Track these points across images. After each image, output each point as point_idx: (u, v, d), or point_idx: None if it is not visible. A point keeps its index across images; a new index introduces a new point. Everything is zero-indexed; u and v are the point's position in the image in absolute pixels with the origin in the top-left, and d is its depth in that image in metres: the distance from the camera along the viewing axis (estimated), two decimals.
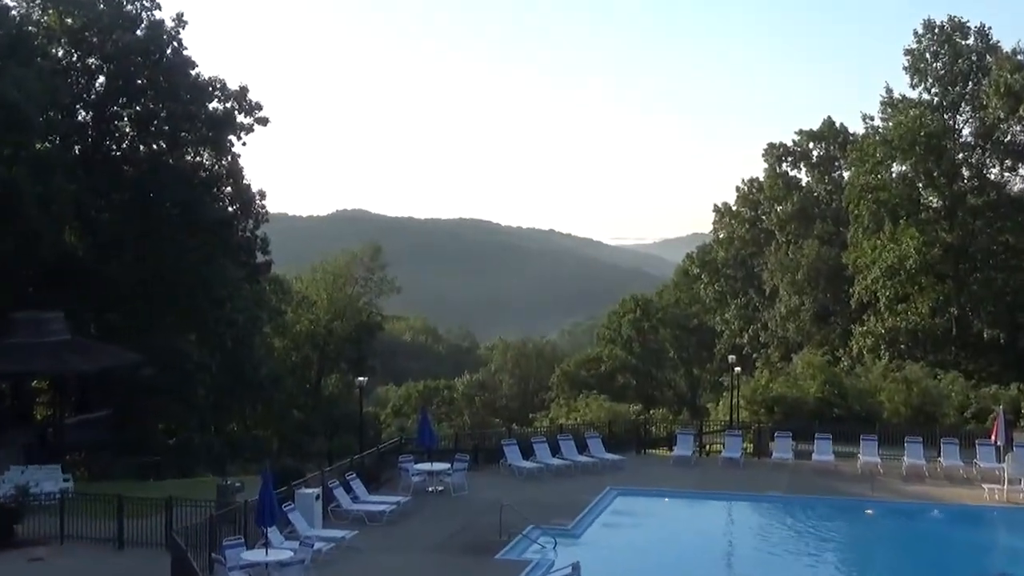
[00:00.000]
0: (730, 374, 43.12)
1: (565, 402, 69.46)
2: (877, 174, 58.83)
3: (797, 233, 69.69)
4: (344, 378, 68.79)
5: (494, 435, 39.09)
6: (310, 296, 68.77)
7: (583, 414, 55.49)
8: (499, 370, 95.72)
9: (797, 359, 48.67)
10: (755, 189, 75.41)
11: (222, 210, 48.27)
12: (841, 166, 70.62)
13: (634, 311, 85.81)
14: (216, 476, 34.81)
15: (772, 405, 41.93)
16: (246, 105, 49.00)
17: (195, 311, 46.97)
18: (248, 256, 49.98)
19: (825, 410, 40.80)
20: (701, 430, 38.73)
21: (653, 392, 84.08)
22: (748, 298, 74.53)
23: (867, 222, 58.74)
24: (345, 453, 34.15)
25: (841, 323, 64.26)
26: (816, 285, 65.58)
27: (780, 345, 67.54)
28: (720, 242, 77.71)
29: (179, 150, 48.10)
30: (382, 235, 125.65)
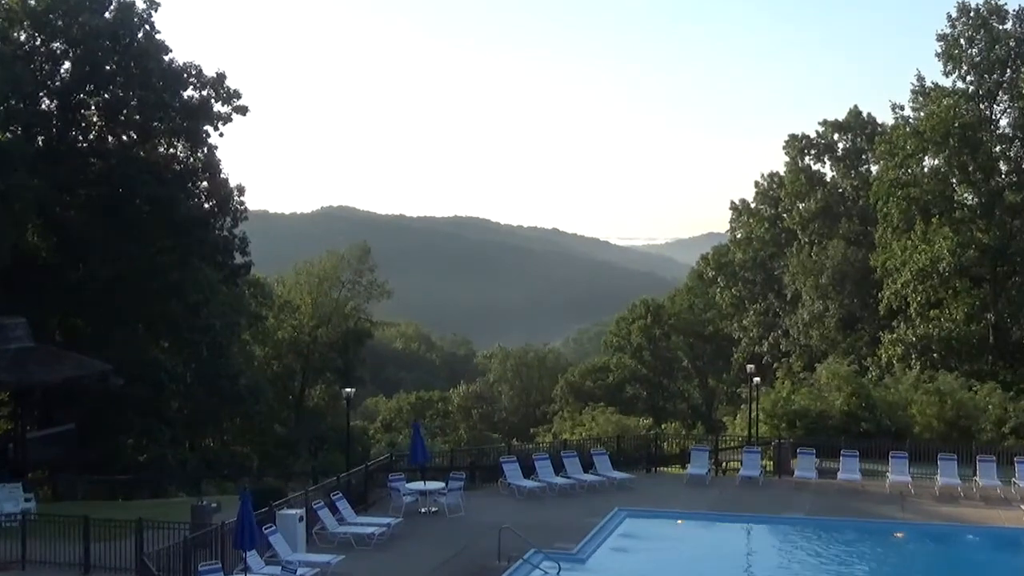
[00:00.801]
0: (748, 385, 43.07)
1: (569, 415, 69.52)
2: (907, 168, 58.77)
3: (821, 233, 69.68)
4: (330, 389, 68.80)
5: (492, 451, 39.03)
6: (293, 300, 68.76)
7: (589, 429, 55.52)
8: (498, 381, 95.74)
9: (821, 369, 48.50)
10: (775, 185, 75.42)
11: (197, 207, 48.23)
12: (869, 160, 70.62)
13: (644, 317, 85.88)
14: (190, 496, 34.75)
15: (794, 419, 41.85)
16: (223, 93, 48.97)
17: (168, 317, 46.94)
18: (226, 257, 49.92)
19: (851, 424, 40.72)
20: (717, 446, 38.66)
21: (665, 405, 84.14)
22: (768, 303, 74.50)
23: (897, 221, 58.67)
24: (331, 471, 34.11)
25: (869, 330, 64.21)
26: (841, 289, 65.56)
27: (803, 354, 67.49)
28: (737, 242, 77.70)
29: (151, 142, 48.08)
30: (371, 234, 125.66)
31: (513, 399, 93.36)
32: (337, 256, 72.29)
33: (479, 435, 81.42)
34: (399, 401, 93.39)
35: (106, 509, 29.23)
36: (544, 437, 64.64)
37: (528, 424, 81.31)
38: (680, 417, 76.08)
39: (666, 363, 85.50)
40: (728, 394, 78.13)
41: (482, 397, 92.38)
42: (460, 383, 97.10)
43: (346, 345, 68.52)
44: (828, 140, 72.51)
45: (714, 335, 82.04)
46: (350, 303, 70.74)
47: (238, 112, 49.53)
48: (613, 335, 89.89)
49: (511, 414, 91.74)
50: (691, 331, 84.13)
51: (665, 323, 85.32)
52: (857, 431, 39.88)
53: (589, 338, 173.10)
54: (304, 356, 67.64)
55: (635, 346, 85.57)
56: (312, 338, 67.46)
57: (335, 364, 68.17)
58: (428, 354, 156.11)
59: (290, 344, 67.36)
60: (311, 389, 69.36)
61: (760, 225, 75.30)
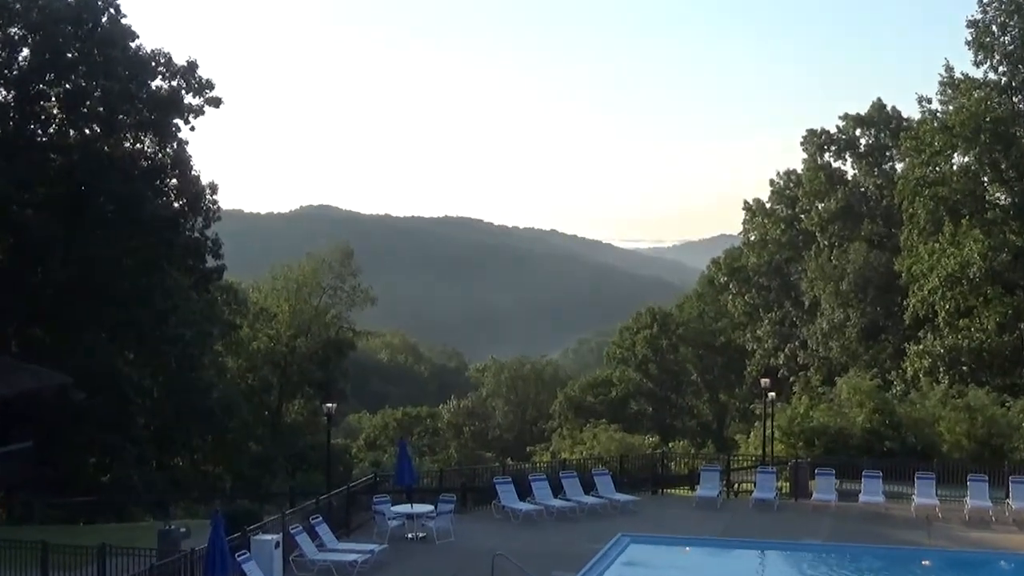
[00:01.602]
0: (763, 400, 43.07)
1: (569, 433, 69.53)
2: (935, 166, 58.90)
3: (842, 235, 69.81)
4: (309, 404, 68.71)
5: (485, 471, 39.01)
6: (269, 308, 68.74)
7: (590, 447, 55.55)
8: (491, 395, 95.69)
9: (841, 383, 48.51)
10: (792, 183, 75.55)
11: (166, 206, 48.24)
12: (893, 157, 70.78)
13: (650, 326, 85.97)
14: (158, 520, 34.70)
15: (812, 437, 41.86)
16: (195, 83, 49.02)
17: (134, 325, 46.88)
18: (196, 260, 49.94)
19: (874, 443, 40.74)
20: (729, 466, 38.67)
21: (672, 421, 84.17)
22: (784, 311, 74.61)
23: (923, 222, 58.79)
24: (310, 493, 34.07)
25: (893, 341, 64.31)
26: (864, 296, 65.67)
27: (821, 367, 67.58)
28: (751, 245, 77.82)
29: (116, 136, 48.08)
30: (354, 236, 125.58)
31: (508, 415, 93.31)
32: (317, 259, 72.26)
33: (471, 454, 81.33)
34: (384, 417, 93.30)
35: (66, 534, 29.20)
36: (541, 456, 64.59)
37: (524, 442, 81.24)
38: (689, 435, 76.06)
39: (673, 376, 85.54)
40: (741, 410, 78.11)
41: (474, 413, 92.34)
42: (450, 398, 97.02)
43: (327, 356, 68.48)
44: (849, 135, 72.65)
45: (726, 346, 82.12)
46: (331, 311, 70.71)
47: (211, 104, 49.59)
48: (616, 346, 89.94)
49: (505, 431, 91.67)
50: (701, 342, 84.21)
51: (672, 333, 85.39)
52: (880, 450, 39.89)
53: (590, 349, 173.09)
54: (281, 368, 67.59)
55: (640, 358, 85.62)
56: (290, 349, 67.42)
57: (315, 377, 68.12)
58: (416, 366, 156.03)
59: (266, 355, 67.31)
60: (289, 404, 69.30)
61: (776, 227, 75.43)
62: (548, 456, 62.66)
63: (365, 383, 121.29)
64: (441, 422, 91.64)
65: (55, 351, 43.45)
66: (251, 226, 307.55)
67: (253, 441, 62.99)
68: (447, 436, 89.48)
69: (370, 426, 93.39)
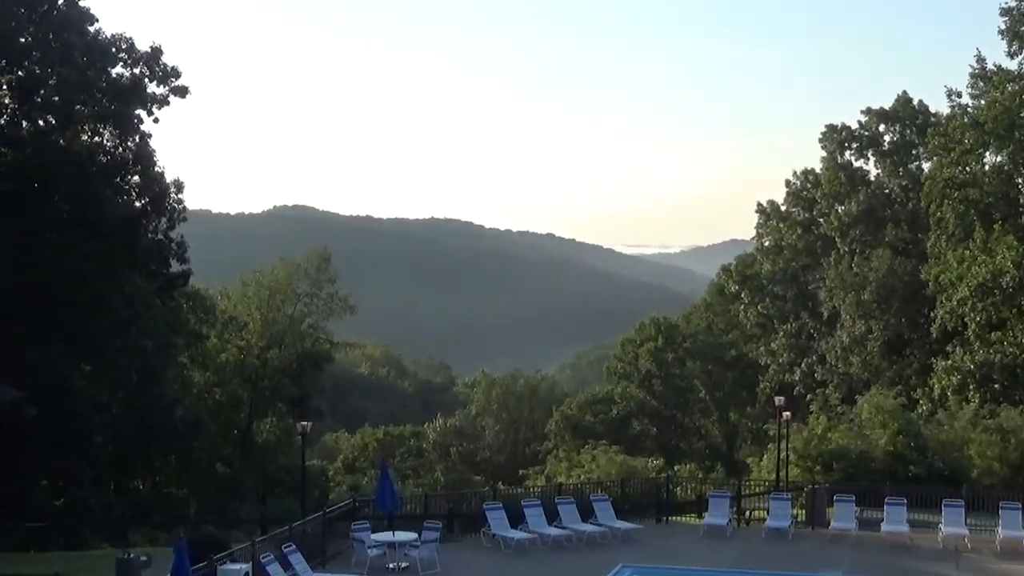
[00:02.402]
0: (777, 420, 43.07)
1: (565, 455, 69.44)
2: (965, 166, 58.96)
3: (863, 240, 69.82)
4: (282, 423, 68.56)
5: (474, 496, 38.97)
6: (239, 317, 68.61)
7: (588, 470, 55.47)
8: (481, 413, 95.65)
9: (862, 402, 48.56)
10: (810, 184, 75.57)
11: (127, 205, 48.13)
12: (920, 155, 70.83)
13: (655, 339, 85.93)
14: (116, 547, 34.60)
15: (830, 461, 41.88)
16: (159, 71, 48.93)
17: (91, 336, 46.76)
18: (160, 265, 49.83)
19: (898, 468, 40.76)
20: (740, 492, 38.66)
21: (678, 443, 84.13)
22: (800, 323, 74.63)
23: (952, 227, 58.84)
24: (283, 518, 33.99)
25: (919, 356, 64.34)
26: (887, 307, 65.71)
27: (841, 384, 67.61)
28: (765, 251, 77.84)
29: (73, 128, 47.98)
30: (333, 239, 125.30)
31: (499, 435, 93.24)
32: (292, 264, 72.16)
33: (459, 477, 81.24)
34: (364, 437, 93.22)
35: (15, 563, 29.13)
36: (535, 480, 64.57)
37: (516, 465, 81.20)
38: (696, 457, 76.05)
39: (680, 393, 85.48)
40: (753, 431, 78.15)
41: (462, 433, 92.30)
42: (436, 416, 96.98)
43: (302, 370, 68.35)
44: (872, 132, 72.64)
45: (737, 361, 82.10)
46: (307, 320, 70.60)
47: (176, 94, 49.49)
48: (617, 360, 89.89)
49: (496, 453, 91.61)
50: (710, 356, 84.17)
51: (679, 346, 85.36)
52: (905, 475, 39.90)
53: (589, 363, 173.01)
54: (252, 383, 67.46)
55: (643, 373, 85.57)
56: (262, 361, 67.30)
57: (289, 392, 67.99)
58: (399, 381, 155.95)
59: (236, 368, 67.18)
60: (260, 422, 69.14)
61: (792, 231, 75.43)
62: (543, 480, 62.59)
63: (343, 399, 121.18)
64: (426, 442, 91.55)
65: (4, 364, 43.26)
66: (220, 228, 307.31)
67: (221, 462, 62.85)
68: (432, 458, 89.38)
69: (349, 446, 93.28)
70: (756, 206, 78.85)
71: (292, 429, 61.08)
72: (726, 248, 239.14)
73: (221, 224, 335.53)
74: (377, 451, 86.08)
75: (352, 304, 73.28)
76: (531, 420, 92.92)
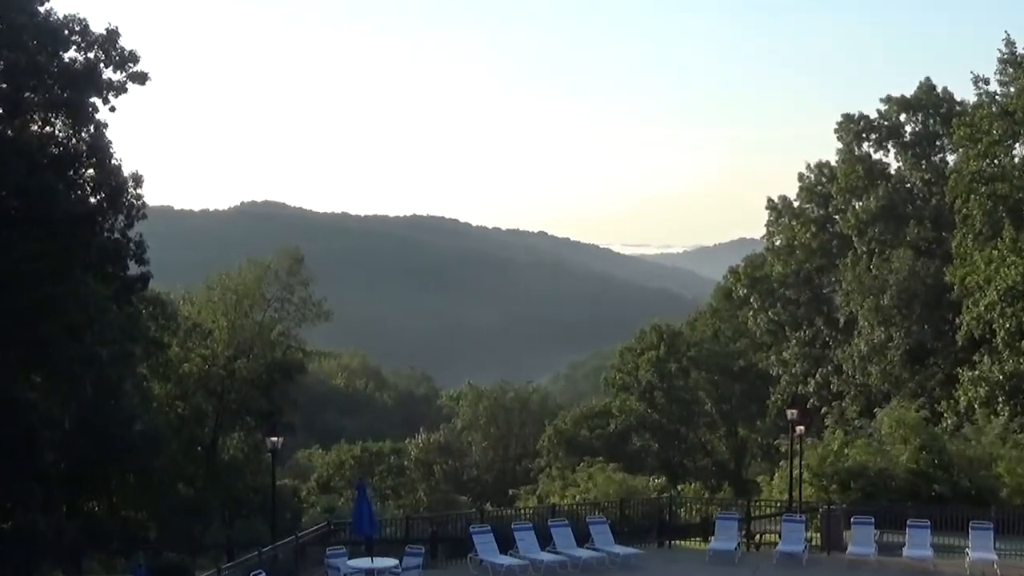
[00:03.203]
0: (789, 436, 43.12)
1: (559, 473, 69.53)
2: (994, 158, 59.07)
3: (883, 240, 69.91)
4: (251, 438, 68.44)
5: (460, 519, 38.94)
6: (203, 323, 68.46)
7: (584, 490, 55.50)
8: (468, 428, 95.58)
9: (882, 415, 48.69)
10: (825, 178, 75.67)
11: (81, 201, 47.97)
12: (944, 147, 70.95)
13: (656, 347, 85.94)
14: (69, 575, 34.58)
15: (847, 479, 41.94)
16: (116, 55, 48.75)
17: (41, 344, 46.64)
18: (117, 266, 49.65)
19: (921, 486, 40.84)
20: (749, 513, 38.70)
21: (682, 460, 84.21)
22: (815, 330, 74.71)
23: (980, 225, 58.94)
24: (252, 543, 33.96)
25: (943, 365, 64.42)
26: (909, 312, 65.79)
27: (859, 396, 67.69)
28: (776, 252, 77.91)
29: (22, 117, 47.82)
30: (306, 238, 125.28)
31: (487, 452, 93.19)
32: (261, 266, 71.97)
33: (443, 498, 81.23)
34: (340, 454, 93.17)
35: None
36: (527, 501, 64.56)
37: (506, 484, 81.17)
38: (701, 476, 76.07)
39: (684, 407, 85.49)
40: (763, 447, 78.18)
41: (447, 449, 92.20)
42: (419, 431, 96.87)
43: (272, 381, 68.18)
44: (893, 122, 72.77)
45: (746, 371, 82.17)
46: (277, 327, 70.43)
47: (135, 80, 49.33)
48: (616, 370, 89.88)
49: (484, 471, 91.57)
50: (716, 366, 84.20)
51: (683, 355, 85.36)
52: (928, 495, 39.98)
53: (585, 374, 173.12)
54: (218, 395, 67.29)
55: (644, 385, 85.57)
56: (228, 372, 67.12)
57: (257, 406, 67.80)
58: (378, 394, 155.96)
59: (200, 380, 67.01)
60: (226, 438, 68.98)
61: (805, 229, 75.51)
62: (534, 501, 62.60)
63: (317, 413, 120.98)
64: (407, 460, 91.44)
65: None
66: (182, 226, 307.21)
67: (183, 482, 62.72)
68: (414, 476, 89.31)
69: (323, 464, 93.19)
70: (766, 202, 79.05)
71: (261, 445, 61.03)
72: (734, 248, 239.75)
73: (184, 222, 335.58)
74: (354, 469, 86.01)
75: (327, 310, 73.13)
76: (522, 435, 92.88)
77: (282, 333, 70.57)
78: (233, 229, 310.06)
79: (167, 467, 59.05)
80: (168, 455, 58.64)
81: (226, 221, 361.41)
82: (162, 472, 58.25)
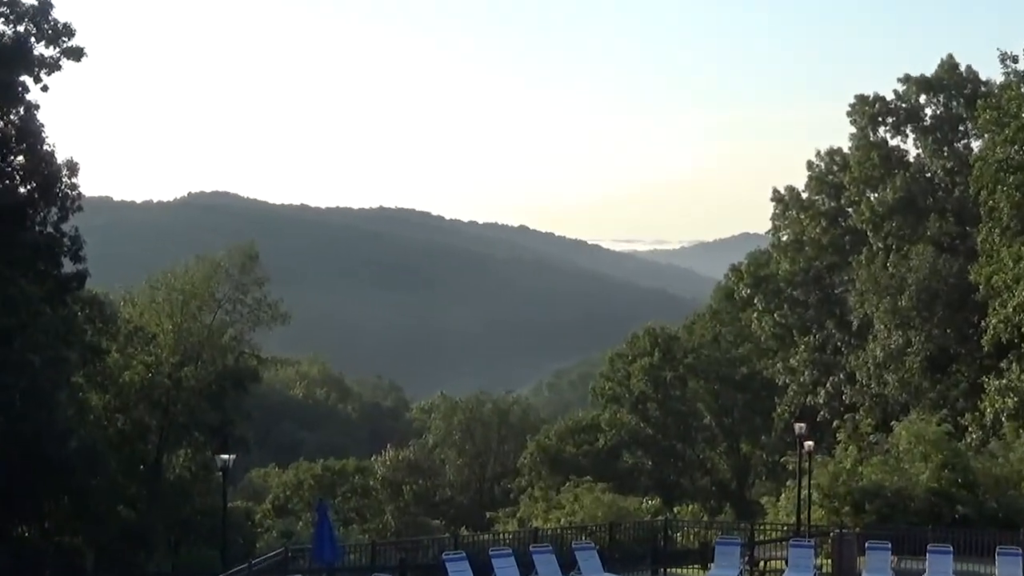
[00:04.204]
0: (797, 452, 43.19)
1: (542, 494, 69.49)
2: (1023, 145, 59.21)
3: (901, 235, 70.07)
4: (199, 455, 68.34)
5: (432, 544, 38.95)
6: (147, 327, 68.32)
7: (570, 512, 55.50)
8: (440, 444, 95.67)
9: (900, 429, 48.77)
10: (837, 166, 75.79)
11: (9, 191, 47.95)
12: (968, 132, 71.11)
13: (650, 353, 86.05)
14: None
15: (862, 500, 42.03)
16: (48, 29, 48.69)
17: None
18: (49, 264, 49.61)
19: (943, 508, 40.94)
20: (753, 538, 38.77)
21: (678, 479, 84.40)
22: (825, 334, 74.84)
23: (1008, 218, 59.08)
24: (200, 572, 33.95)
25: (968, 373, 64.58)
26: (930, 315, 65.94)
27: (874, 407, 67.80)
28: (783, 248, 78.02)
29: None
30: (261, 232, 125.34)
31: (462, 470, 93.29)
32: (211, 263, 71.81)
33: (413, 522, 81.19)
34: (298, 473, 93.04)
35: None
36: (506, 525, 64.63)
37: (483, 506, 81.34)
38: (700, 496, 76.29)
39: (680, 420, 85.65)
40: (768, 464, 78.31)
41: (417, 467, 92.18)
42: (386, 447, 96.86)
43: (223, 391, 68.05)
44: (911, 104, 72.89)
45: (749, 380, 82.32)
46: (229, 331, 70.29)
47: (69, 56, 49.24)
48: (605, 380, 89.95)
49: (458, 492, 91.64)
50: (716, 374, 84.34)
51: (679, 362, 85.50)
52: (951, 517, 40.09)
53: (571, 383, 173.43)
54: (162, 407, 67.13)
55: (636, 395, 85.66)
56: (174, 381, 66.96)
57: (207, 419, 67.65)
58: (340, 405, 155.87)
59: (143, 390, 66.80)
60: (172, 455, 68.83)
61: (815, 223, 75.62)
62: (514, 524, 62.65)
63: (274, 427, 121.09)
64: (374, 479, 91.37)
65: None
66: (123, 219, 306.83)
67: (124, 504, 62.53)
68: (381, 498, 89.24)
69: (279, 484, 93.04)
70: (772, 193, 79.09)
71: (211, 463, 60.79)
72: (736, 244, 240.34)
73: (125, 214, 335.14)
74: (314, 490, 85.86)
75: (284, 312, 72.94)
76: (501, 452, 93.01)
77: (234, 338, 70.42)
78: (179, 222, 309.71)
79: (105, 488, 58.85)
80: (107, 474, 58.46)
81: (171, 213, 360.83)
82: (100, 493, 58.07)
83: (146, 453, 66.92)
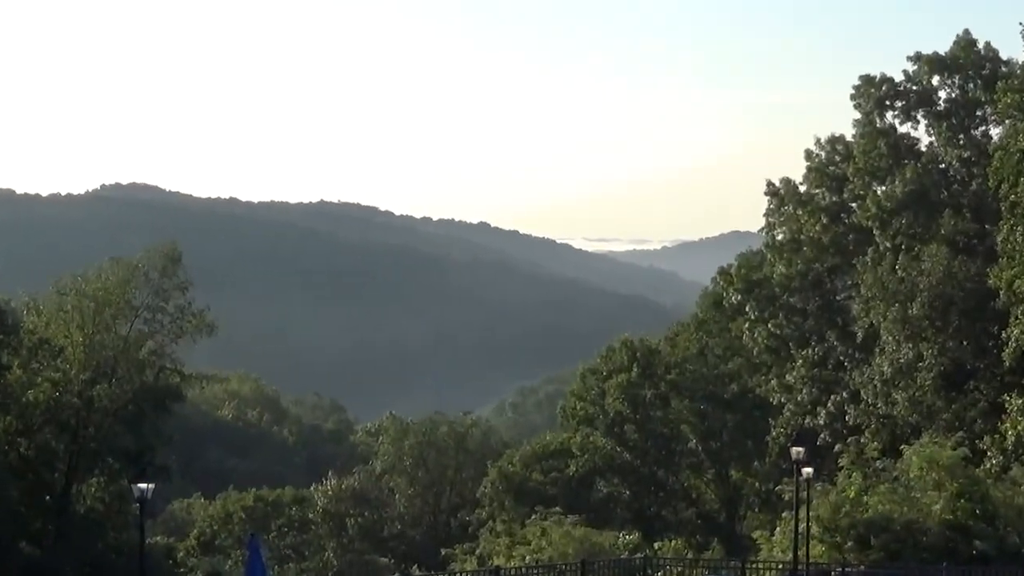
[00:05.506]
0: (794, 479, 43.33)
1: (505, 528, 69.55)
2: None
3: (911, 233, 70.23)
4: (113, 485, 68.21)
5: None
6: (54, 339, 68.14)
7: (536, 549, 55.54)
8: (389, 471, 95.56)
9: (910, 453, 49.04)
10: (839, 156, 75.90)
11: None
12: (987, 117, 71.31)
13: (628, 369, 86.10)
14: None
15: (867, 534, 42.19)
16: None
17: None
18: None
19: (959, 543, 41.12)
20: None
21: (660, 511, 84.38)
22: (826, 347, 74.97)
23: None
24: None
25: (987, 391, 64.78)
26: (944, 325, 66.14)
27: (881, 429, 67.96)
28: (778, 248, 78.11)
29: None
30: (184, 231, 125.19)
31: (413, 501, 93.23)
32: (127, 266, 71.64)
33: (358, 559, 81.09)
34: (227, 504, 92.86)
35: None
36: (464, 563, 64.62)
37: (438, 542, 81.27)
38: (684, 530, 76.36)
39: (662, 444, 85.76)
40: (762, 494, 78.56)
41: (363, 498, 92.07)
42: (327, 475, 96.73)
43: (140, 412, 67.94)
44: (923, 86, 73.04)
45: (740, 399, 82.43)
46: (148, 343, 70.17)
47: None
48: (576, 398, 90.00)
49: (410, 525, 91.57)
50: (703, 392, 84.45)
51: (661, 379, 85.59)
52: (968, 553, 40.27)
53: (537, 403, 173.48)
54: (71, 431, 66.98)
55: (612, 416, 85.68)
56: (85, 401, 66.80)
57: (122, 444, 67.59)
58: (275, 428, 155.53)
59: (49, 410, 66.65)
60: (82, 485, 68.69)
61: (814, 220, 75.68)
62: (473, 563, 62.65)
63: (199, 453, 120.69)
64: (313, 511, 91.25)
65: None
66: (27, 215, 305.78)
67: (26, 540, 62.36)
68: (322, 532, 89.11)
69: (205, 518, 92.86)
70: (766, 186, 79.13)
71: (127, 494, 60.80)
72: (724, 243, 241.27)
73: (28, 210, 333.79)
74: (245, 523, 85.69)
75: (211, 322, 72.87)
76: (458, 480, 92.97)
77: (154, 351, 70.28)
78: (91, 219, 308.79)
79: (6, 521, 58.70)
80: (7, 506, 58.29)
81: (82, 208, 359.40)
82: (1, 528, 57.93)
83: (53, 482, 66.77)
